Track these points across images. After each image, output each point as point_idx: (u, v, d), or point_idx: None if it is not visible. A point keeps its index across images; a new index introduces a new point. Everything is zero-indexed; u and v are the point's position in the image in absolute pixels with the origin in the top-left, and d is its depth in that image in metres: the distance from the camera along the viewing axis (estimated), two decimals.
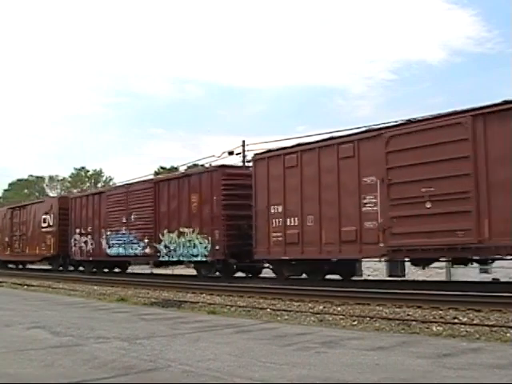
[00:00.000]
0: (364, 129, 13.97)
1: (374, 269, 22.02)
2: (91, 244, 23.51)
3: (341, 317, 9.20)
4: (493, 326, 7.79)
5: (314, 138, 14.88)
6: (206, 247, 17.38)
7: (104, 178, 67.22)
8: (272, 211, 15.20)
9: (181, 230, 18.35)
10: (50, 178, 68.17)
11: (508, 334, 7.05)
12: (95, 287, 17.41)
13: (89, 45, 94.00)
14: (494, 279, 15.96)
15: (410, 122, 12.86)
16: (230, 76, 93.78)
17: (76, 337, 6.75)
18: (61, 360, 5.27)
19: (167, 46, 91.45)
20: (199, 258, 17.68)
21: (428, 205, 11.91)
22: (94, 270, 23.99)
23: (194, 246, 17.82)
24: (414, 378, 4.50)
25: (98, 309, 10.65)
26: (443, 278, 18.06)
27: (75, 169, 67.62)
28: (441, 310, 9.57)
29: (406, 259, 13.91)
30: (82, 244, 24.15)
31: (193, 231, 17.87)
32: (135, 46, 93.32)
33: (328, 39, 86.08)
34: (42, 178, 68.82)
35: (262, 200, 15.51)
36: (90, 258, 23.80)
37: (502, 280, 13.19)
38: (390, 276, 20.07)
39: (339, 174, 13.62)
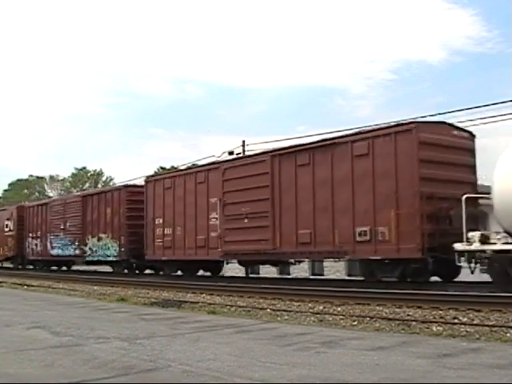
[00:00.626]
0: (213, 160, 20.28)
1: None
2: (40, 246, 28.50)
3: (341, 317, 9.21)
4: (493, 326, 7.80)
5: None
6: (115, 249, 22.35)
7: (104, 178, 67.25)
8: (156, 222, 20.07)
9: (100, 235, 23.39)
10: (51, 177, 68.18)
11: (508, 334, 7.05)
12: (95, 287, 17.42)
13: (89, 45, 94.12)
14: None
15: (238, 158, 18.94)
16: (230, 76, 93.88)
17: (76, 337, 6.75)
18: (61, 360, 5.27)
19: (167, 46, 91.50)
20: (111, 258, 22.84)
21: (246, 220, 16.42)
22: (44, 267, 28.76)
23: (108, 249, 22.80)
24: (414, 378, 4.50)
25: (98, 309, 10.65)
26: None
27: (76, 169, 67.69)
28: (441, 310, 9.57)
29: (234, 260, 19.03)
30: (34, 246, 29.22)
31: (107, 236, 22.86)
32: (135, 45, 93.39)
33: (328, 39, 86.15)
34: (42, 178, 68.80)
35: (149, 213, 20.40)
36: (39, 258, 28.89)
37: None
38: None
39: (196, 195, 18.37)
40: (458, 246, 11.59)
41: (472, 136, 14.42)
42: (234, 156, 20.99)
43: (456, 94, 75.91)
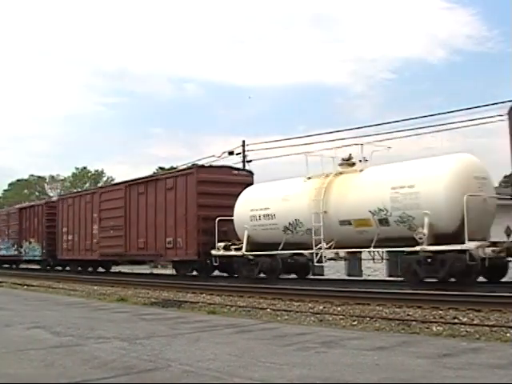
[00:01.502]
0: (109, 184, 32.40)
1: (374, 269, 22.04)
2: None
3: (341, 317, 9.20)
4: (493, 326, 7.79)
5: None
6: (40, 251, 28.41)
7: (105, 179, 67.26)
8: (63, 230, 26.39)
9: (30, 239, 29.51)
10: (51, 178, 68.15)
11: (508, 334, 7.05)
12: (95, 287, 17.42)
13: (88, 44, 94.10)
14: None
15: (109, 185, 28.91)
16: (230, 75, 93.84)
17: (76, 337, 6.75)
18: (61, 360, 5.27)
19: (167, 46, 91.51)
20: (38, 258, 29.04)
21: (111, 231, 22.47)
22: None
23: (35, 250, 28.88)
24: (414, 377, 4.50)
25: (98, 309, 10.65)
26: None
27: (76, 169, 67.69)
28: (441, 310, 9.56)
29: (112, 260, 24.63)
30: None
31: (35, 241, 28.97)
32: (135, 45, 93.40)
33: (328, 38, 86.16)
34: (42, 178, 68.80)
35: (59, 223, 26.84)
36: None
37: (503, 280, 13.19)
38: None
39: (86, 212, 24.59)
40: (212, 252, 17.21)
41: (251, 173, 20.44)
42: (112, 183, 33.74)
43: (456, 93, 75.96)
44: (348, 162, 14.95)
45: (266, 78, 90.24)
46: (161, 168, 59.52)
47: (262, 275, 16.14)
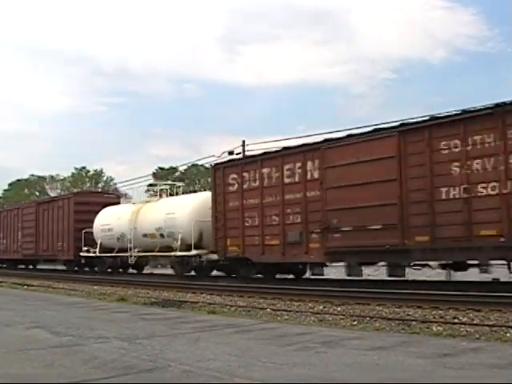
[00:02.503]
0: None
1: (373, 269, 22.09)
2: None
3: (341, 317, 9.20)
4: (493, 326, 7.79)
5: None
6: None
7: (105, 179, 67.22)
8: (1, 235, 32.75)
9: None
10: (51, 177, 68.12)
11: (508, 334, 7.05)
12: (95, 287, 17.42)
13: (88, 44, 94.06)
14: (493, 279, 15.92)
15: (28, 202, 35.39)
16: (230, 75, 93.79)
17: (76, 337, 6.75)
18: (61, 360, 5.27)
19: (167, 45, 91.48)
20: None
21: (28, 238, 29.50)
22: None
23: None
24: (414, 378, 4.50)
25: (98, 309, 10.64)
26: (443, 278, 18.03)
27: (76, 169, 67.64)
28: (441, 309, 9.57)
29: (29, 259, 31.29)
30: None
31: None
32: (135, 45, 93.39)
33: (328, 38, 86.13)
34: (42, 178, 68.76)
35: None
36: None
37: (502, 280, 13.19)
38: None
39: (14, 222, 31.25)
40: (80, 254, 24.74)
41: (118, 196, 30.48)
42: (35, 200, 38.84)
43: (456, 93, 75.95)
44: (153, 194, 26.06)
45: (266, 77, 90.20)
46: (160, 168, 59.54)
47: (109, 270, 23.99)
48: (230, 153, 28.48)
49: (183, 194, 23.72)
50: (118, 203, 26.39)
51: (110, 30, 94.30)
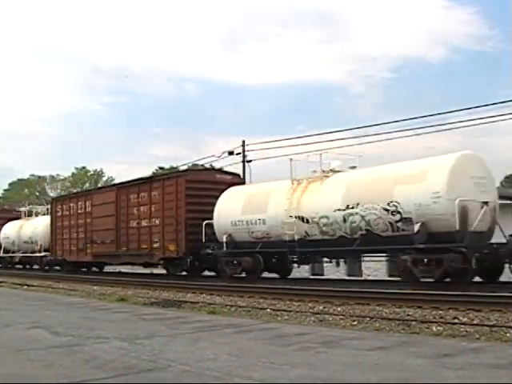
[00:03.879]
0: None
1: (373, 269, 22.13)
2: None
3: (341, 317, 9.20)
4: (493, 326, 7.80)
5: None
6: None
7: (105, 178, 67.23)
8: None
9: None
10: (52, 177, 68.11)
11: (508, 334, 7.06)
12: (95, 287, 17.42)
13: (87, 43, 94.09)
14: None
15: None
16: (230, 75, 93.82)
17: (76, 337, 6.75)
18: (61, 360, 5.26)
19: (167, 45, 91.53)
20: None
21: None
22: None
23: None
24: (414, 378, 4.50)
25: (98, 309, 10.64)
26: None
27: (76, 169, 67.63)
28: (441, 310, 9.57)
29: None
30: None
31: None
32: (135, 44, 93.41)
33: (327, 37, 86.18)
34: (42, 178, 68.77)
35: None
36: None
37: (502, 280, 13.19)
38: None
39: None
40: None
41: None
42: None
43: (456, 93, 75.95)
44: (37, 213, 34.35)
45: (266, 77, 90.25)
46: (161, 168, 59.50)
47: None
48: (230, 153, 28.49)
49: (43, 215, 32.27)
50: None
51: (109, 30, 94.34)
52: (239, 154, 28.25)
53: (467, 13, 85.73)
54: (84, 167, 67.66)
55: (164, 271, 21.66)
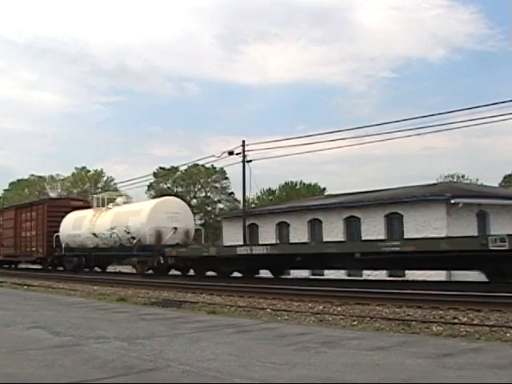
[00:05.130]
0: None
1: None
2: None
3: (341, 317, 9.21)
4: (493, 326, 7.80)
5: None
6: None
7: (105, 178, 67.19)
8: None
9: None
10: (51, 177, 68.10)
11: (508, 334, 7.06)
12: (95, 287, 17.42)
13: (87, 43, 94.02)
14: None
15: None
16: (230, 75, 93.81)
17: (76, 337, 6.75)
18: (61, 360, 5.27)
19: (167, 45, 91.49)
20: None
21: None
22: None
23: None
24: (413, 377, 4.50)
25: (98, 309, 10.65)
26: (443, 278, 18.05)
27: (76, 169, 67.62)
28: (441, 310, 9.57)
29: None
30: None
31: None
32: (134, 44, 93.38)
33: (327, 37, 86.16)
34: (43, 178, 68.76)
35: None
36: None
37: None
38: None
39: None
40: None
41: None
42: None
43: (457, 92, 75.96)
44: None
45: (266, 76, 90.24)
46: (161, 168, 59.54)
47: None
48: (230, 153, 28.46)
49: None
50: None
51: (109, 29, 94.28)
52: (239, 154, 28.24)
53: (468, 12, 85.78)
54: (84, 167, 67.70)
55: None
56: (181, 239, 22.42)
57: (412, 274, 19.38)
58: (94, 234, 24.80)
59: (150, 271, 22.30)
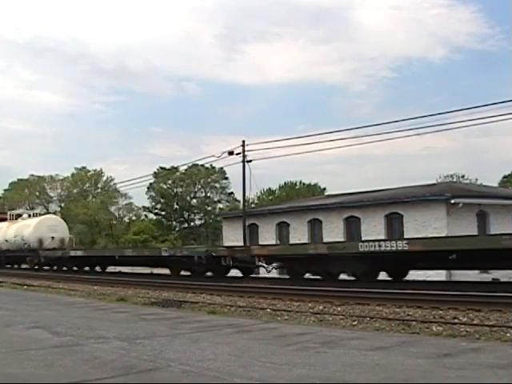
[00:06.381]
0: None
1: None
2: None
3: (341, 317, 9.20)
4: (493, 326, 7.80)
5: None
6: None
7: (105, 178, 67.21)
8: None
9: None
10: (51, 177, 68.07)
11: (508, 334, 7.06)
12: (95, 287, 17.42)
13: (87, 43, 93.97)
14: (493, 279, 15.96)
15: None
16: (230, 75, 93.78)
17: (76, 337, 6.75)
18: (61, 360, 5.27)
19: (167, 44, 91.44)
20: None
21: None
22: None
23: None
24: (413, 377, 4.50)
25: (98, 309, 10.65)
26: (443, 278, 18.06)
27: (76, 169, 67.62)
28: (441, 310, 9.57)
29: None
30: None
31: None
32: (134, 44, 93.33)
33: (327, 37, 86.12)
34: (43, 178, 68.73)
35: None
36: None
37: (502, 280, 13.22)
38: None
39: None
40: None
41: None
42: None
43: (456, 92, 75.93)
44: None
45: (266, 76, 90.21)
46: (162, 168, 59.58)
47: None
48: (230, 153, 28.47)
49: None
50: None
51: (109, 29, 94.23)
52: (239, 154, 28.25)
53: (468, 11, 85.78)
54: (84, 167, 67.67)
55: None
56: (57, 245, 31.62)
57: (412, 274, 19.38)
58: (7, 240, 34.11)
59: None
